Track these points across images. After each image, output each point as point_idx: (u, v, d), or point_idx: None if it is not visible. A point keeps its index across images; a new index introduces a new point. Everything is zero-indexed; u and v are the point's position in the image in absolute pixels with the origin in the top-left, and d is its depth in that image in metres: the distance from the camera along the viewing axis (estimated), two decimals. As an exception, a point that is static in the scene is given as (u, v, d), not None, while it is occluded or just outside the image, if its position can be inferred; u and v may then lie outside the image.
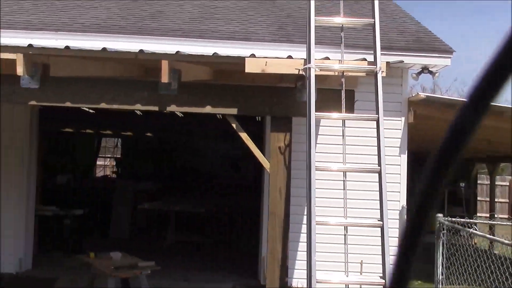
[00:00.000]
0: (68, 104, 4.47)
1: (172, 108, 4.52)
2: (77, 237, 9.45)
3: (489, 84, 0.52)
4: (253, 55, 4.34)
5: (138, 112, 11.08)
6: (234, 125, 4.50)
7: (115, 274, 5.50)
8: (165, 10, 9.12)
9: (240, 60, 4.30)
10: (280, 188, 4.34)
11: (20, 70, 4.18)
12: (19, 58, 4.19)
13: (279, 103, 4.38)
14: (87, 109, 10.42)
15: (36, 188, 8.37)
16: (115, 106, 4.52)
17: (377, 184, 4.00)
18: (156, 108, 4.55)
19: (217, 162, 14.45)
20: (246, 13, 9.28)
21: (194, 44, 7.49)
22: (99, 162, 17.31)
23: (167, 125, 12.39)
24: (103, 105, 4.48)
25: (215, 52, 4.40)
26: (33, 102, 4.53)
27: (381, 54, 4.35)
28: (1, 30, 7.71)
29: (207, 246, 9.41)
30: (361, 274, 6.93)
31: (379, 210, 3.98)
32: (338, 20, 4.61)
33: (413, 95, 7.96)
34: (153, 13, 8.92)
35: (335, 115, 4.24)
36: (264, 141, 7.04)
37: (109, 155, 18.38)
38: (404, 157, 7.46)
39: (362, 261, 6.96)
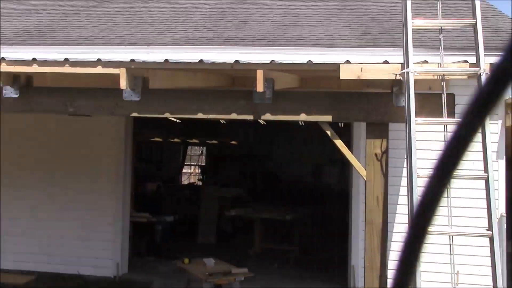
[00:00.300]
0: (167, 115, 4.65)
1: (267, 116, 4.57)
2: (168, 242, 9.77)
3: (491, 90, 0.51)
4: (347, 62, 4.30)
5: (222, 121, 11.33)
6: (329, 132, 4.48)
7: (210, 280, 5.62)
8: (248, 21, 9.27)
9: (335, 67, 4.28)
10: (377, 196, 4.26)
11: (123, 84, 4.39)
12: (122, 72, 4.41)
13: (375, 109, 4.31)
14: (174, 119, 10.80)
15: (130, 195, 8.75)
16: (211, 116, 4.64)
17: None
18: (251, 117, 4.63)
19: (301, 169, 14.43)
20: (329, 19, 9.23)
21: (280, 53, 7.54)
22: (185, 169, 17.86)
23: (252, 133, 12.55)
24: (200, 115, 4.62)
25: (309, 60, 4.40)
26: (134, 114, 4.76)
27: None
28: (99, 46, 8.17)
29: (294, 254, 9.39)
30: (457, 285, 6.64)
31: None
32: (437, 22, 4.46)
33: (511, 97, 7.56)
34: (237, 24, 9.09)
35: (436, 120, 4.10)
36: (351, 147, 6.95)
37: (193, 163, 18.92)
38: (502, 162, 7.09)
39: (458, 271, 6.68)
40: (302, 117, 4.57)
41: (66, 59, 4.55)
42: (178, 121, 11.52)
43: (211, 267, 5.94)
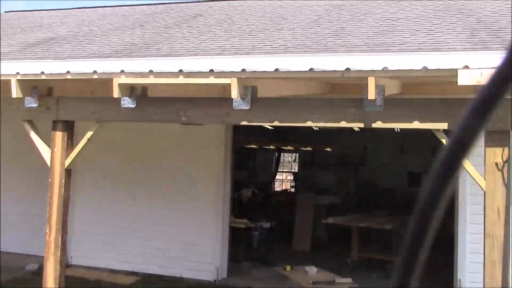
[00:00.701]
0: (276, 123, 4.69)
1: (378, 124, 4.48)
2: (264, 248, 9.86)
3: (492, 92, 0.51)
4: (466, 67, 4.12)
5: (315, 128, 11.29)
6: (444, 140, 4.30)
7: (314, 289, 5.59)
8: (346, 27, 9.16)
9: (452, 72, 4.11)
10: (498, 208, 4.03)
11: (234, 93, 4.49)
12: (233, 82, 4.51)
13: (495, 116, 4.07)
14: (268, 126, 10.91)
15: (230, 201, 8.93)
16: (320, 124, 4.63)
17: None
18: (361, 125, 4.56)
19: (396, 176, 14.04)
20: (431, 22, 8.91)
21: (381, 59, 7.38)
22: (277, 176, 17.98)
23: (346, 139, 12.39)
24: (309, 123, 4.62)
25: (424, 66, 4.26)
26: (244, 123, 4.85)
27: None
28: (199, 56, 8.44)
29: (393, 265, 9.12)
30: None
31: None
32: None
33: None
34: (335, 31, 9.02)
35: None
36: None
37: (285, 170, 19.01)
38: None
39: None
40: (415, 124, 4.43)
41: (181, 70, 4.73)
42: (271, 128, 11.63)
43: (314, 275, 5.90)
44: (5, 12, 15.25)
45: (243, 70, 4.48)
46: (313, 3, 11.12)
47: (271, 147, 14.18)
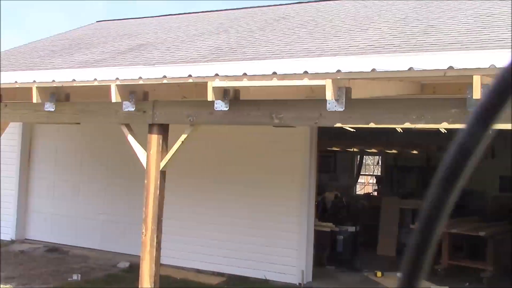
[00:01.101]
0: (372, 125, 4.58)
1: (483, 125, 4.25)
2: (349, 253, 9.68)
3: (495, 100, 0.51)
4: None
5: (399, 130, 10.95)
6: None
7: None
8: (436, 24, 8.83)
9: None
10: None
11: (329, 94, 4.42)
12: (328, 83, 4.45)
13: None
14: (349, 128, 10.71)
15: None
16: (419, 126, 4.46)
17: None
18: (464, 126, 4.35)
19: (486, 181, 13.34)
20: (529, 17, 8.39)
21: (475, 55, 7.05)
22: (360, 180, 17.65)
23: (431, 141, 11.94)
24: (407, 125, 4.47)
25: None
26: (338, 125, 4.77)
27: None
28: (285, 59, 8.44)
29: (489, 273, 8.65)
30: None
31: None
32: None
33: None
34: (424, 29, 8.71)
35: None
36: None
37: (367, 173, 18.62)
38: None
39: None
40: (527, 125, 4.16)
41: (274, 73, 4.73)
42: (353, 130, 11.42)
43: (407, 282, 5.68)
44: (96, 21, 16.07)
45: (338, 71, 4.40)
46: (399, 2, 10.81)
47: (354, 149, 13.95)
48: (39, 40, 14.40)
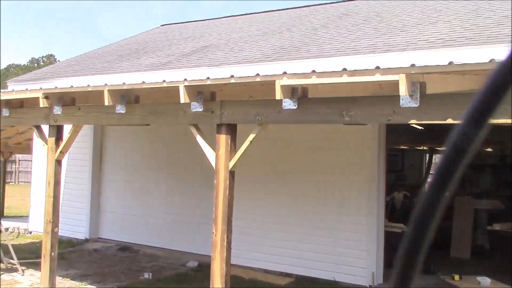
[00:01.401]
0: (449, 120, 4.36)
1: None
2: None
3: (487, 100, 0.51)
4: None
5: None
6: None
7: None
8: (512, 14, 8.37)
9: None
10: None
11: (402, 90, 4.25)
12: (401, 78, 4.27)
13: None
14: (417, 126, 10.34)
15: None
16: (501, 120, 4.19)
17: None
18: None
19: None
20: None
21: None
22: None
23: (507, 138, 11.33)
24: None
25: None
26: (413, 121, 4.58)
27: None
28: (350, 56, 8.26)
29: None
30: None
31: None
32: None
33: None
34: (498, 20, 8.28)
35: None
36: None
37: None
38: None
39: None
40: None
41: (344, 69, 4.61)
42: (421, 128, 11.02)
43: (487, 287, 5.40)
44: (161, 25, 16.43)
45: (412, 65, 4.22)
46: (469, -8, 10.36)
47: (423, 147, 13.48)
48: (107, 46, 14.90)
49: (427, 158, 14.93)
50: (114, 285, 8.20)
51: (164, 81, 5.76)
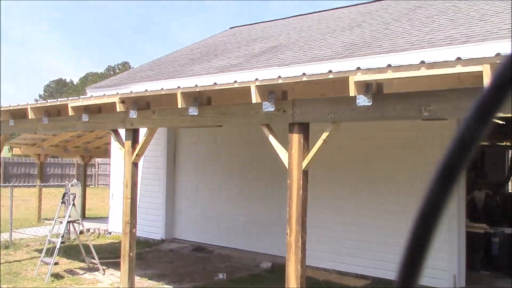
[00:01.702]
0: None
1: None
2: (506, 257, 8.82)
3: (493, 96, 0.51)
4: None
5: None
6: None
7: None
8: None
9: None
10: None
11: (487, 81, 3.98)
12: (485, 69, 4.01)
13: None
14: (497, 120, 9.74)
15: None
16: None
17: None
18: None
19: None
20: None
21: None
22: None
23: None
24: None
25: None
26: (504, 115, 4.30)
27: None
28: (426, 49, 7.92)
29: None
30: None
31: None
32: None
33: None
34: None
35: None
36: None
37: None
38: None
39: None
40: None
41: (422, 62, 4.39)
42: (502, 122, 10.39)
43: None
44: (230, 28, 16.60)
45: (497, 54, 3.95)
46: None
47: (506, 143, 12.72)
48: (178, 50, 15.23)
49: (510, 155, 14.08)
50: (190, 285, 8.32)
51: (235, 81, 5.75)
